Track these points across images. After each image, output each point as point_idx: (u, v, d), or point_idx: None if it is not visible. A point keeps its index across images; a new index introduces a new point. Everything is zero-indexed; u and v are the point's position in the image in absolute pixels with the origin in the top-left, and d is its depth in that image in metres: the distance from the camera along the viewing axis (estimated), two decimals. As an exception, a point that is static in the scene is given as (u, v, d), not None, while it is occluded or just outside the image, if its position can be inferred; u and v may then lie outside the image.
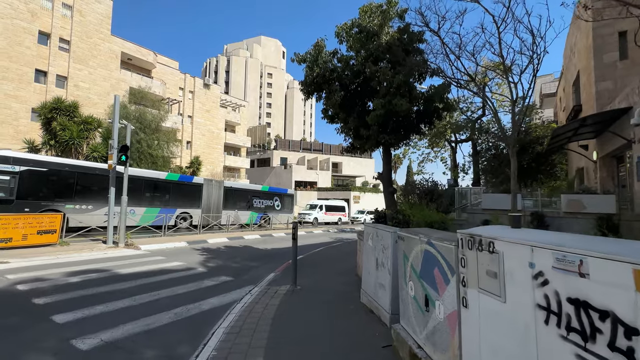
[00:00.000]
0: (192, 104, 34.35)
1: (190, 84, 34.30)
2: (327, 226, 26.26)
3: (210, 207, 18.26)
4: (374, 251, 4.43)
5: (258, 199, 21.79)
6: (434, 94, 6.11)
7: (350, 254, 9.58)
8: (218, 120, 37.09)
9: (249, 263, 8.11)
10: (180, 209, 16.71)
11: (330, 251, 10.60)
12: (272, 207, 22.75)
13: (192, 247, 10.05)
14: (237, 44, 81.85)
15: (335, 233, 19.29)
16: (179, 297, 5.01)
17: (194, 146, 34.35)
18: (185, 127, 33.54)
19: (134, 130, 19.53)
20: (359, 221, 35.26)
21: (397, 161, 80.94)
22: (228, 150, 40.00)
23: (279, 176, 50.24)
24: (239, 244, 11.40)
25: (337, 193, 46.17)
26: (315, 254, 9.87)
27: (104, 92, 24.88)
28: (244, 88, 74.96)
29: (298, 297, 5.18)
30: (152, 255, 8.33)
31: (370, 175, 60.48)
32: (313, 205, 30.08)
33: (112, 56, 26.13)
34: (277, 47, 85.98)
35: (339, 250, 10.89)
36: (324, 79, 6.42)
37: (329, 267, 7.79)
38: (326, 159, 55.73)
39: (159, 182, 15.94)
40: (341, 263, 8.40)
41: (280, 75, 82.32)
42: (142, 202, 14.96)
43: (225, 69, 76.38)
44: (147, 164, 19.77)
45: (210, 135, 36.09)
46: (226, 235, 13.33)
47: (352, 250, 10.43)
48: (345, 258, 9.19)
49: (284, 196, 24.05)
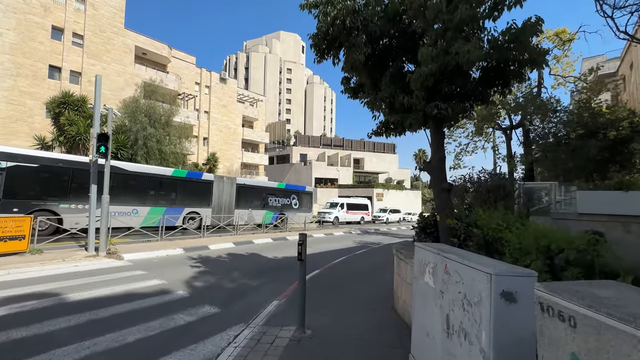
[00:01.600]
0: (208, 99, 33.36)
1: (207, 79, 33.31)
2: (348, 226, 24.21)
3: (221, 206, 16.81)
4: (438, 298, 2.40)
5: (274, 197, 20.14)
6: (518, 34, 3.94)
7: (380, 269, 7.55)
8: (235, 115, 35.95)
9: (249, 281, 6.29)
10: (188, 208, 15.34)
11: (353, 263, 8.59)
12: (289, 206, 21.03)
13: (188, 256, 8.43)
14: (256, 40, 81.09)
15: (359, 235, 17.22)
16: (122, 352, 3.24)
17: (211, 142, 33.39)
18: (201, 123, 32.63)
19: (142, 125, 18.49)
20: (381, 220, 32.90)
21: (423, 156, 77.18)
22: (246, 146, 38.86)
23: (298, 173, 48.69)
24: (246, 251, 9.67)
25: (359, 190, 43.89)
26: (334, 267, 7.91)
27: (117, 88, 24.16)
28: (263, 84, 74.06)
29: (306, 357, 3.26)
30: (132, 268, 6.73)
31: (394, 171, 57.45)
32: (334, 204, 28.12)
33: (126, 50, 25.42)
34: (296, 41, 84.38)
35: (365, 261, 8.87)
36: (344, 27, 4.42)
37: (354, 292, 5.80)
38: (347, 154, 53.47)
39: (164, 179, 14.60)
40: (369, 284, 6.38)
41: (299, 70, 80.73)
42: (146, 201, 13.68)
43: (245, 66, 75.84)
44: (156, 160, 18.65)
45: (227, 131, 35.03)
46: (233, 239, 11.68)
47: (381, 262, 8.39)
48: (373, 275, 7.16)
49: (302, 194, 22.26)
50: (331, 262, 8.42)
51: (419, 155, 79.68)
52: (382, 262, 8.70)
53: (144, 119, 18.51)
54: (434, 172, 4.36)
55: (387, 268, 7.83)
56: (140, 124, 18.32)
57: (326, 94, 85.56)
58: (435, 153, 4.41)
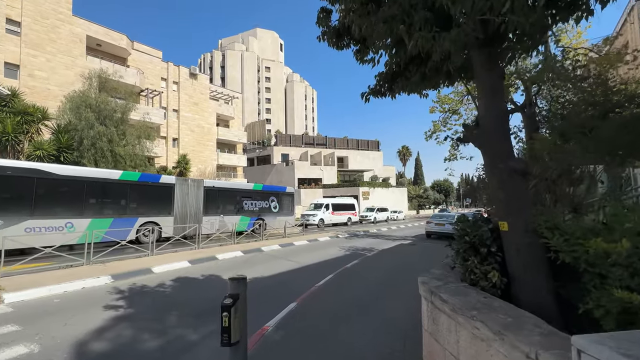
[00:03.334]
0: (177, 96, 30.50)
1: (175, 74, 30.43)
2: (335, 229, 22.16)
3: (186, 214, 14.34)
4: None
5: (250, 200, 17.80)
6: None
7: (382, 295, 5.50)
8: (208, 114, 33.21)
9: (188, 333, 4.06)
10: (143, 217, 12.79)
11: (344, 286, 6.44)
12: (268, 209, 18.75)
13: (115, 287, 6.05)
14: (232, 38, 77.94)
15: (347, 240, 15.17)
16: None
17: (182, 143, 30.54)
18: (170, 122, 29.74)
19: (88, 122, 15.71)
20: (368, 220, 31.10)
21: (407, 153, 76.58)
22: (222, 147, 36.15)
23: (280, 174, 46.31)
24: (202, 273, 7.37)
25: (344, 190, 42.05)
26: (318, 296, 5.75)
27: (66, 82, 21.06)
28: (241, 83, 71.09)
29: None
30: (2, 319, 4.34)
31: (379, 168, 56.08)
32: (318, 205, 26.01)
33: (75, 40, 22.32)
34: (274, 39, 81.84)
35: (360, 281, 6.78)
36: None
37: (349, 349, 3.69)
38: (330, 153, 51.58)
39: (110, 183, 12.00)
40: (372, 327, 4.28)
41: (278, 68, 78.24)
42: (84, 212, 11.07)
43: (221, 64, 72.60)
44: (107, 163, 15.92)
45: (200, 130, 32.24)
46: (192, 255, 9.31)
47: (381, 279, 6.35)
48: (375, 307, 5.09)
49: (282, 195, 20.01)
50: (314, 284, 6.28)
51: (402, 152, 79.10)
52: (381, 280, 6.67)
53: (91, 115, 15.72)
54: (488, 139, 2.37)
55: (391, 292, 5.77)
56: (86, 120, 15.53)
57: (307, 92, 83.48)
58: (489, 105, 2.41)
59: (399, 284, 6.46)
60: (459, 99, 13.56)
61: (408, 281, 6.70)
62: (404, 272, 7.61)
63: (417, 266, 8.27)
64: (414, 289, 5.88)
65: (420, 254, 10.54)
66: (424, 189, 69.19)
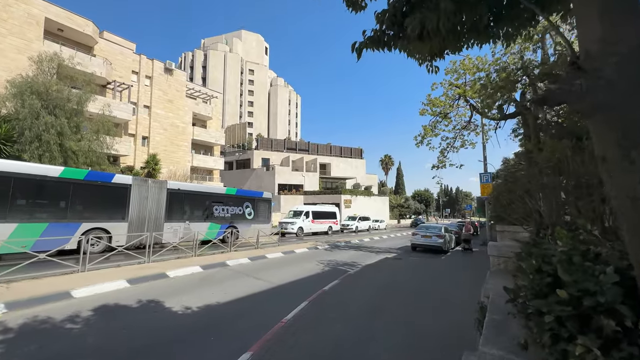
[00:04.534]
0: (149, 91, 28.36)
1: (147, 68, 28.34)
2: (314, 238, 20.74)
3: (143, 219, 12.51)
4: None
5: (221, 205, 16.11)
6: None
7: (368, 339, 4.16)
8: (184, 112, 31.17)
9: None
10: (89, 222, 10.89)
11: (320, 321, 5.00)
12: (241, 216, 17.09)
13: (3, 320, 4.38)
14: (216, 38, 75.91)
15: (327, 252, 13.80)
16: None
17: (153, 142, 28.31)
18: (140, 119, 27.51)
19: (33, 110, 13.62)
20: (350, 229, 29.92)
21: (389, 162, 76.70)
22: (198, 148, 34.06)
23: (260, 179, 44.50)
24: (140, 297, 5.76)
25: (326, 197, 40.82)
26: (283, 341, 4.23)
27: (18, 68, 18.62)
28: (223, 85, 68.94)
29: None
30: None
31: (362, 176, 55.39)
32: (297, 212, 24.53)
33: (31, 22, 20.01)
34: (259, 42, 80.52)
35: (341, 311, 5.37)
36: None
37: None
38: (313, 159, 50.39)
39: (47, 182, 10.06)
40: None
41: (262, 71, 76.80)
42: (9, 216, 9.09)
43: (202, 64, 70.29)
44: (55, 159, 13.83)
45: (173, 129, 30.12)
46: (135, 272, 7.59)
47: (366, 307, 5.04)
48: (361, 354, 3.73)
49: (258, 201, 18.42)
50: (281, 318, 4.83)
51: (384, 160, 79.20)
52: (368, 308, 5.35)
53: (36, 103, 13.65)
54: (619, 95, 1.22)
55: (381, 327, 4.44)
56: (30, 108, 13.44)
57: (291, 97, 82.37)
58: (620, 29, 1.28)
59: (391, 313, 5.17)
60: (450, 102, 12.71)
61: (402, 306, 5.41)
62: (394, 295, 6.36)
63: (407, 286, 7.04)
64: (410, 319, 4.64)
65: (408, 270, 9.36)
66: (405, 199, 69.28)
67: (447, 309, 5.57)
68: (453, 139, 12.97)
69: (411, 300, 5.97)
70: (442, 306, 5.75)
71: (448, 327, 4.71)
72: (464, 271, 9.36)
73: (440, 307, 5.67)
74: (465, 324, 3.60)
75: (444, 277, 8.43)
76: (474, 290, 6.39)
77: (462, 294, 6.44)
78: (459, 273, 9.10)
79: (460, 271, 9.40)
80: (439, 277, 8.31)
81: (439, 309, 5.59)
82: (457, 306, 5.61)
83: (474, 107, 12.37)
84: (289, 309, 5.18)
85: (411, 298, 6.10)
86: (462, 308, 5.31)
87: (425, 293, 6.52)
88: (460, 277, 8.32)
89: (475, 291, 6.25)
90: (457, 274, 8.94)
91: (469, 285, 7.53)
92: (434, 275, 8.58)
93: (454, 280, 7.98)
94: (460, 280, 7.92)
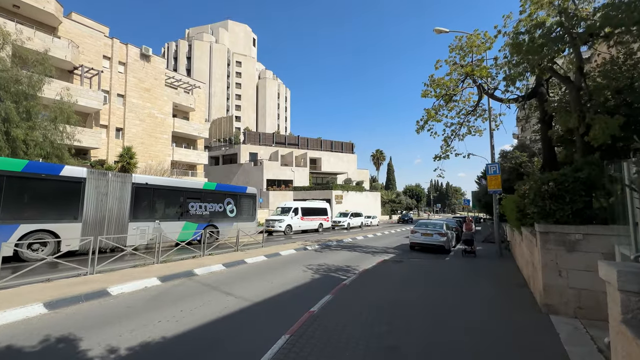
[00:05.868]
0: (124, 78, 26.05)
1: (121, 53, 25.99)
2: (304, 237, 19.17)
3: (102, 219, 10.70)
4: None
5: (198, 202, 14.35)
6: None
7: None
8: (163, 102, 28.96)
9: None
10: (29, 224, 9.03)
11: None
12: (222, 214, 15.38)
13: None
14: (201, 28, 72.81)
15: (317, 253, 12.26)
16: None
17: (128, 134, 26.09)
18: (114, 108, 25.23)
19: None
20: (342, 226, 28.45)
21: (380, 157, 75.54)
22: (179, 141, 31.92)
23: (248, 174, 42.59)
24: (55, 332, 4.06)
25: (317, 193, 39.27)
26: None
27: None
28: (209, 77, 66.22)
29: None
30: None
31: (353, 171, 53.94)
32: (286, 209, 22.88)
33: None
34: (246, 33, 77.70)
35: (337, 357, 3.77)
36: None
37: None
38: (303, 154, 48.65)
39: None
40: None
41: (250, 63, 74.17)
42: None
43: (187, 55, 67.28)
44: (1, 149, 11.79)
45: (151, 121, 27.91)
46: (67, 288, 5.82)
47: (374, 348, 3.47)
48: None
49: (241, 197, 16.70)
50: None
51: (376, 155, 77.96)
52: (376, 348, 3.81)
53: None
54: None
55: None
56: (-36, 88, 11.34)
57: (280, 91, 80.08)
58: None
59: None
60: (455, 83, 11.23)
61: (422, 345, 3.86)
62: (407, 322, 4.77)
63: (420, 307, 5.52)
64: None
65: (414, 279, 7.86)
66: (397, 194, 68.33)
67: (492, 349, 4.01)
68: (458, 124, 11.52)
69: (434, 334, 4.38)
70: (483, 344, 4.18)
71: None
72: (482, 280, 7.85)
73: (481, 348, 4.07)
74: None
75: (462, 289, 6.84)
76: (519, 315, 4.93)
77: (501, 327, 4.91)
78: (476, 282, 7.59)
79: (477, 280, 7.86)
80: (457, 291, 6.62)
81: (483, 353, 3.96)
82: (507, 346, 4.05)
83: (482, 89, 10.94)
84: (261, 350, 3.58)
85: (431, 329, 4.50)
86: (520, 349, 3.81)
87: (449, 319, 4.93)
88: (483, 290, 6.79)
89: (520, 317, 4.78)
90: (474, 284, 7.46)
91: (500, 301, 6.11)
92: (448, 286, 7.05)
93: (475, 295, 6.46)
94: (485, 295, 6.40)
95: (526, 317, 4.91)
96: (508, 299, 5.99)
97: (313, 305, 5.27)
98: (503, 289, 6.78)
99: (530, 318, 4.84)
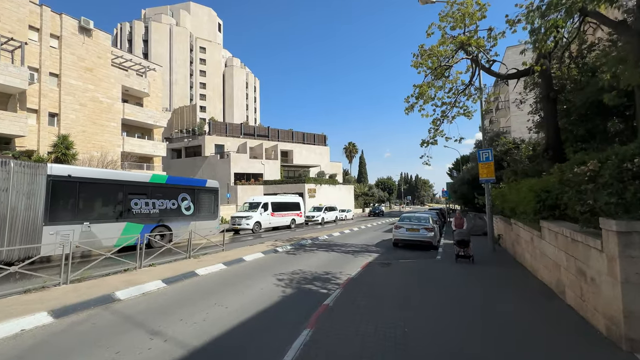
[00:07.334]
0: (58, 54, 22.06)
1: (54, 25, 21.95)
2: (274, 235, 17.16)
3: (2, 222, 8.02)
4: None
5: (143, 198, 11.85)
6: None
7: None
8: (110, 85, 25.21)
9: None
10: None
11: None
12: (175, 212, 12.97)
13: None
14: (159, 9, 66.73)
15: (289, 257, 10.38)
16: None
17: (66, 121, 22.27)
18: (46, 90, 21.28)
19: None
20: (315, 221, 26.80)
21: (353, 149, 74.78)
22: (132, 130, 28.24)
23: (213, 168, 39.39)
24: None
25: (289, 186, 37.17)
26: None
27: None
28: (169, 62, 61.00)
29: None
30: None
31: (326, 164, 52.33)
32: (254, 204, 20.66)
33: None
34: (210, 16, 72.58)
35: None
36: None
37: None
38: (273, 146, 46.19)
39: None
40: None
41: (216, 50, 69.47)
42: None
43: (144, 38, 61.34)
44: None
45: (95, 106, 24.15)
46: None
47: None
48: None
49: (199, 192, 14.31)
50: None
51: (348, 148, 77.04)
52: None
53: None
54: None
55: None
56: None
57: (248, 80, 76.16)
58: None
59: None
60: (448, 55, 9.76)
61: None
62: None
63: (445, 344, 3.85)
64: None
65: (415, 289, 6.26)
66: (369, 187, 68.00)
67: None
68: (449, 105, 10.09)
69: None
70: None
71: None
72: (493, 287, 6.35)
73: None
74: None
75: (481, 306, 5.19)
76: (585, 353, 3.38)
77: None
78: (489, 293, 6.03)
79: (490, 289, 6.30)
80: (477, 310, 4.85)
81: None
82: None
83: (477, 62, 9.54)
84: None
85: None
86: None
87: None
88: (506, 305, 5.06)
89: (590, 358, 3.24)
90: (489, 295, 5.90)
91: (543, 327, 4.61)
92: (456, 300, 5.49)
93: (504, 316, 4.74)
94: (517, 316, 4.67)
95: (596, 356, 3.35)
96: (551, 321, 4.37)
97: (282, 356, 3.39)
98: (532, 303, 5.16)
99: (606, 359, 3.27)
